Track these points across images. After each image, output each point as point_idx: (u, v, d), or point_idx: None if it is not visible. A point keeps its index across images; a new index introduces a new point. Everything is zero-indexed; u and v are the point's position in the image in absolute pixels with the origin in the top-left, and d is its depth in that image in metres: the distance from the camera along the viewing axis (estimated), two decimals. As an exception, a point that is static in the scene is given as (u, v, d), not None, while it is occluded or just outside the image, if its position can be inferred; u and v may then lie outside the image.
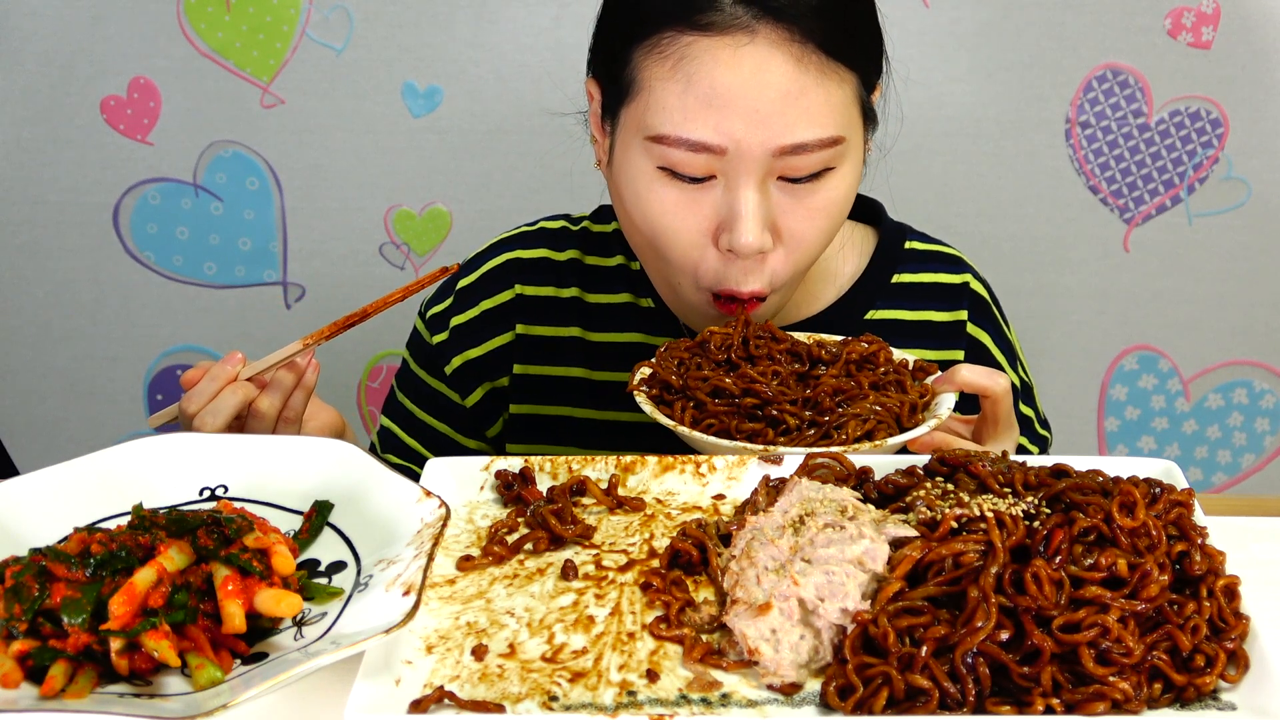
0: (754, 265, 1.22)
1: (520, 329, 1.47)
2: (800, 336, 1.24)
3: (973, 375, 1.17)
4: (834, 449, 1.08)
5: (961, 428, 1.24)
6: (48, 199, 2.42)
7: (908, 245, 1.48)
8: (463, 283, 1.50)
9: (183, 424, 1.22)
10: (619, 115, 1.25)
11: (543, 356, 1.48)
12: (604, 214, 1.52)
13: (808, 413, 1.14)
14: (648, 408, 1.16)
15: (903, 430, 1.13)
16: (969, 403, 1.28)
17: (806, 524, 0.92)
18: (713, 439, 1.11)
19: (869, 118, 1.27)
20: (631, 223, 1.27)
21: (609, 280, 1.48)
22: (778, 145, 1.17)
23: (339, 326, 1.24)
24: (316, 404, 1.32)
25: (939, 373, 1.21)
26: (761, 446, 1.09)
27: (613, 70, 1.25)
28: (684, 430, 1.12)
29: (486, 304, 1.48)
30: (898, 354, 1.23)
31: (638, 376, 1.21)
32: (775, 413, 1.14)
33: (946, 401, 1.17)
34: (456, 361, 1.48)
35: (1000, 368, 1.44)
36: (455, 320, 1.49)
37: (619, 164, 1.26)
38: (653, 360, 1.22)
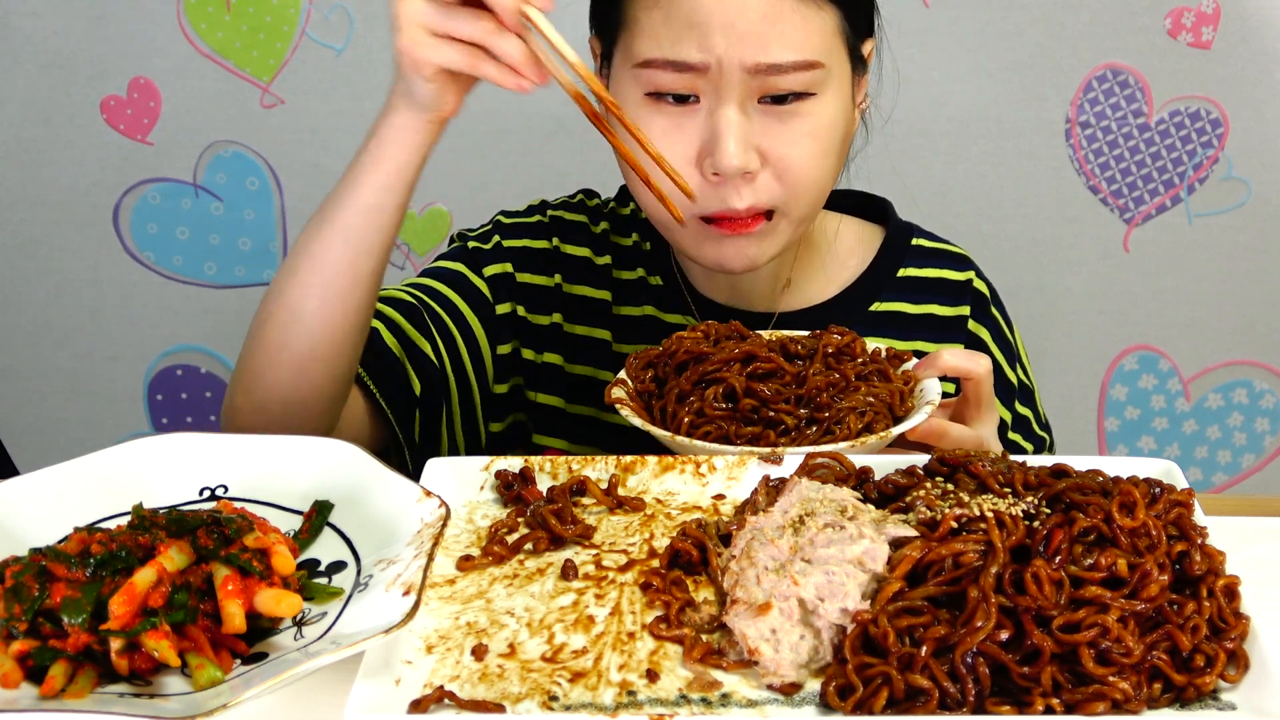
0: (743, 184, 1.25)
1: (559, 280, 1.49)
2: (765, 334, 1.24)
3: (955, 359, 1.18)
4: (839, 446, 1.08)
5: (940, 411, 1.25)
6: (48, 199, 2.42)
7: (914, 242, 1.50)
8: (506, 219, 1.50)
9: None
10: (613, 57, 1.31)
11: (579, 316, 1.49)
12: (623, 196, 1.55)
13: (803, 410, 1.14)
14: (637, 421, 1.14)
15: (896, 419, 1.13)
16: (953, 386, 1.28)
17: (806, 524, 0.92)
18: (714, 446, 1.10)
19: (856, 60, 1.30)
20: (625, 155, 1.29)
21: (627, 257, 1.52)
22: (754, 62, 1.20)
23: (613, 114, 1.15)
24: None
25: (914, 359, 1.21)
26: (769, 449, 1.08)
27: (606, 17, 1.31)
28: (683, 440, 1.11)
29: (530, 243, 1.49)
30: (870, 344, 1.24)
31: (616, 391, 1.19)
32: (772, 414, 1.13)
33: (933, 386, 1.17)
34: (496, 269, 1.46)
35: (998, 365, 1.44)
36: (499, 240, 1.47)
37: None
38: (622, 375, 1.21)
